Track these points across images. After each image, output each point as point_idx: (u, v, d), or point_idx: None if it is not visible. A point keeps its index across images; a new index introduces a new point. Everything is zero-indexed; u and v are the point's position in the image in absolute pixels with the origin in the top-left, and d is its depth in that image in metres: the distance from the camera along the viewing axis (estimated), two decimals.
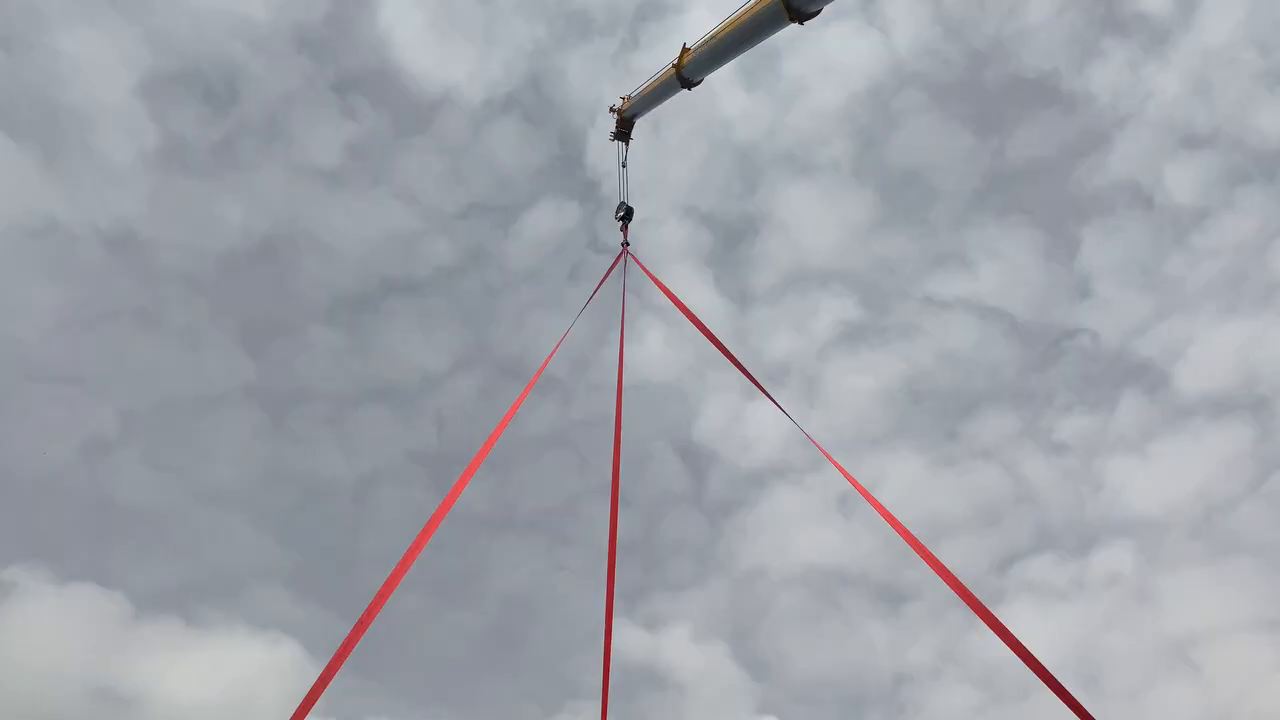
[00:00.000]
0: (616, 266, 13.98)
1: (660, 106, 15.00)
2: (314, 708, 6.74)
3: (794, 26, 10.98)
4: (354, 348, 33.74)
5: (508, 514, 31.89)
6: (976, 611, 8.14)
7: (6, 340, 27.87)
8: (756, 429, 31.69)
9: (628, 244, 14.58)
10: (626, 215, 15.17)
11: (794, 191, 36.53)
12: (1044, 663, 7.63)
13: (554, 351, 11.78)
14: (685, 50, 13.22)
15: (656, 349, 31.01)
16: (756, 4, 11.25)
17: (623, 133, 16.01)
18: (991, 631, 7.99)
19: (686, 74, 13.56)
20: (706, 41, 12.68)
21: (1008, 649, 7.74)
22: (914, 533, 8.95)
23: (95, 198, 30.67)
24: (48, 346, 29.17)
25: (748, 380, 11.47)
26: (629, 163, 15.94)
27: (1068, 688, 7.49)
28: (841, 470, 10.20)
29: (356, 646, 7.09)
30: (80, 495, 28.33)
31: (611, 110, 15.81)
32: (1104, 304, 34.16)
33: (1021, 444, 32.71)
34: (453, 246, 35.06)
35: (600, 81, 35.22)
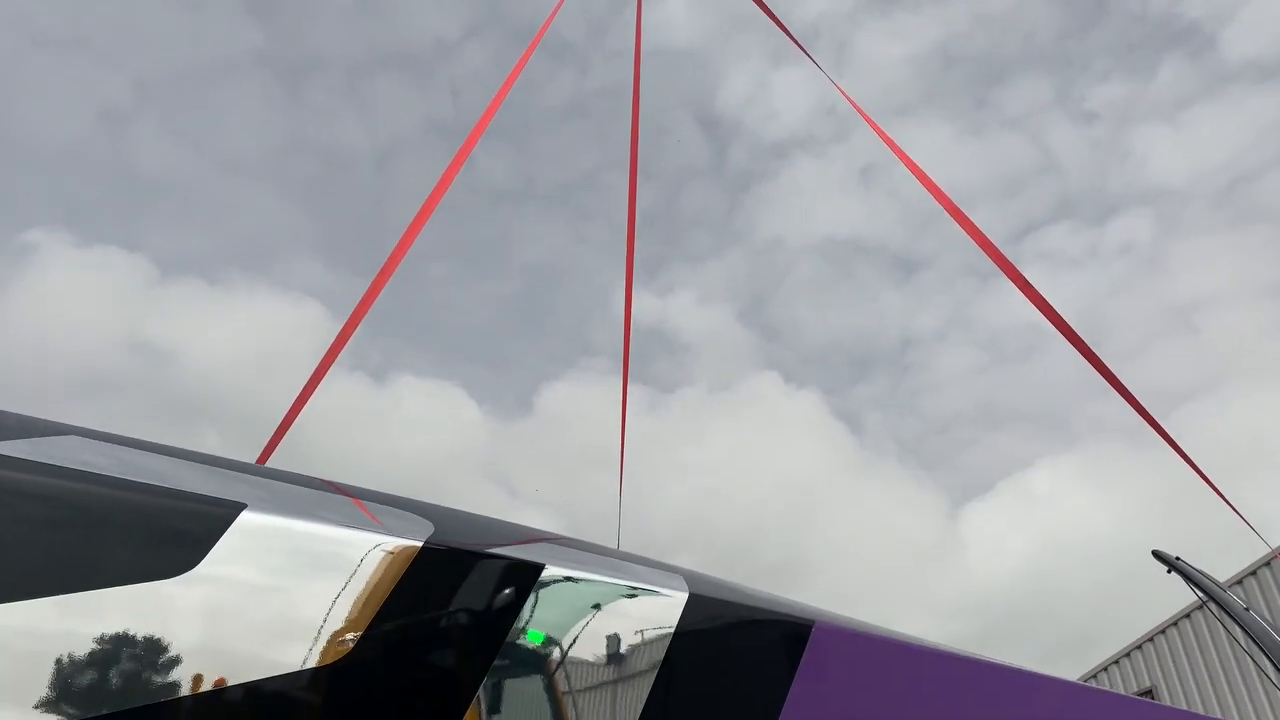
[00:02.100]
0: None
1: None
2: (343, 362, 6.96)
3: None
4: (362, 8, 31.58)
5: (528, 188, 31.70)
6: (1001, 266, 8.17)
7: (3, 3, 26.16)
8: (781, 98, 30.34)
9: None
10: None
11: None
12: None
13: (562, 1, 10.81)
14: None
15: (677, 10, 28.82)
16: None
17: None
18: (1017, 288, 8.06)
19: None
20: None
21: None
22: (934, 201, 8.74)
23: None
24: (47, 11, 27.45)
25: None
26: None
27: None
28: (876, 129, 9.72)
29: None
30: (100, 164, 28.17)
31: None
32: None
33: (1051, 112, 31.35)
34: None
35: None
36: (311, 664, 1.53)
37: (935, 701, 2.16)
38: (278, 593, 1.59)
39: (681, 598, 1.96)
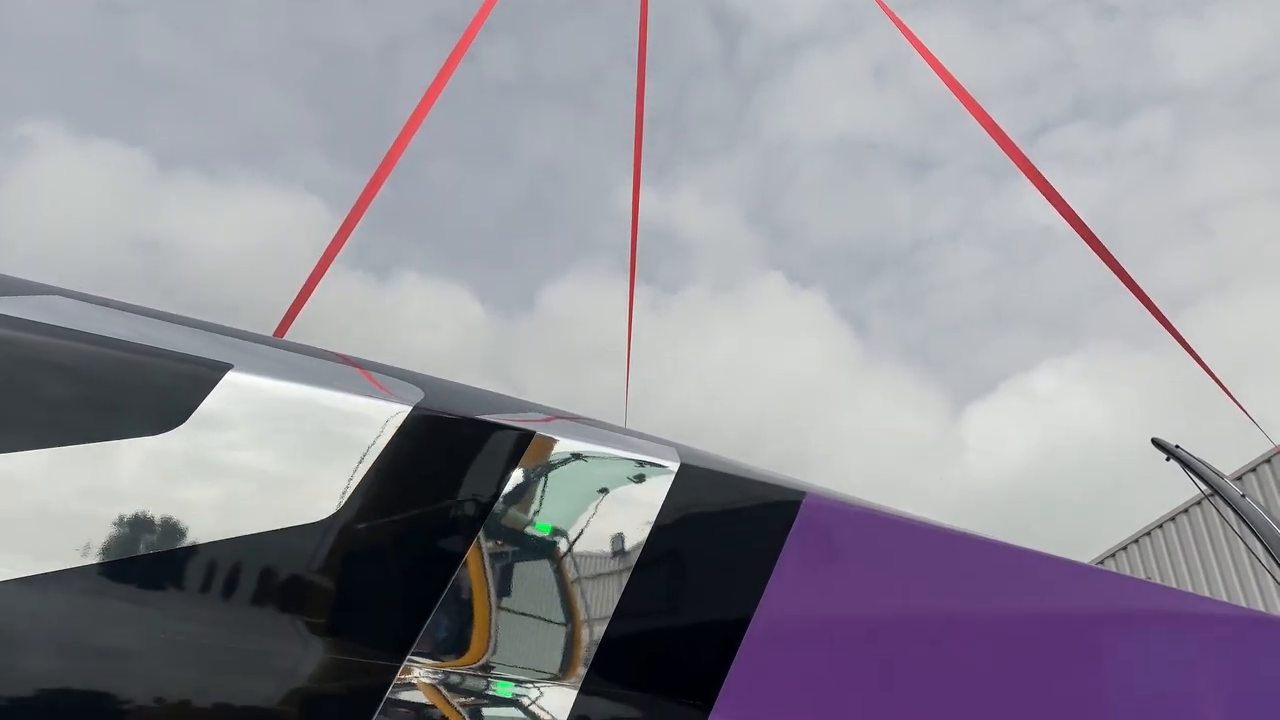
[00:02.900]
0: None
1: None
2: (345, 260, 6.88)
3: None
4: None
5: (532, 82, 30.94)
6: (1015, 160, 7.98)
7: None
8: None
9: None
10: None
11: None
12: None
13: None
14: None
15: None
16: None
17: None
18: (1031, 184, 7.90)
19: None
20: None
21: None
22: (948, 98, 8.46)
23: None
24: None
25: None
26: None
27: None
28: (893, 17, 9.35)
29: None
30: (98, 55, 27.54)
31: None
32: None
33: (1071, 6, 30.15)
34: None
35: None
36: (292, 523, 1.54)
37: (927, 574, 2.16)
38: (260, 453, 1.59)
39: (673, 467, 1.95)
